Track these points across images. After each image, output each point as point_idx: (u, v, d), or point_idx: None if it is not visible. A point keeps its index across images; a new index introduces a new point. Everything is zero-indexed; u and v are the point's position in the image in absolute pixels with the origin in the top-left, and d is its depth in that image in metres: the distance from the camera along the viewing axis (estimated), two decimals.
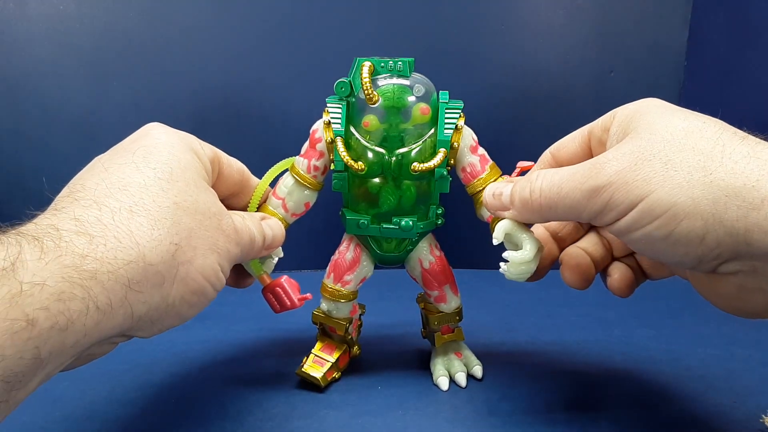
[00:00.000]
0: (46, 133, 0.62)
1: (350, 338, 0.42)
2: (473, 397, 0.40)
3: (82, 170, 0.29)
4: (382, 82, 0.36)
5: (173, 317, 0.28)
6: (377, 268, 0.42)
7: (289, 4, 0.62)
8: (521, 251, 0.34)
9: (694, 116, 0.28)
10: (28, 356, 0.21)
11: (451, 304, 0.42)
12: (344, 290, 0.40)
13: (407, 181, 0.38)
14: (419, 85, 0.36)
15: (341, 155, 0.36)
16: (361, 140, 0.37)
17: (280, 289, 0.38)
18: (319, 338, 0.43)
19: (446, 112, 0.37)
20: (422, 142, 0.37)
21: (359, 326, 0.45)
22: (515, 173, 0.37)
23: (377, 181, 0.38)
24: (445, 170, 0.37)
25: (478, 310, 0.47)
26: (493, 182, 0.37)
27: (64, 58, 0.60)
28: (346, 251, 0.40)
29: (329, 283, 0.41)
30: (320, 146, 0.38)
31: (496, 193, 0.35)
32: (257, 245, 0.34)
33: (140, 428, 0.36)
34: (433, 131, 0.37)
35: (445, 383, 0.41)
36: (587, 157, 0.34)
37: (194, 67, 0.62)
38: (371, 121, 0.36)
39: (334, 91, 0.37)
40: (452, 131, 0.37)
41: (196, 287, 0.28)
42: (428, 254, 0.41)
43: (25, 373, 0.22)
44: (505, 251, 0.34)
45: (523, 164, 0.37)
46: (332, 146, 0.37)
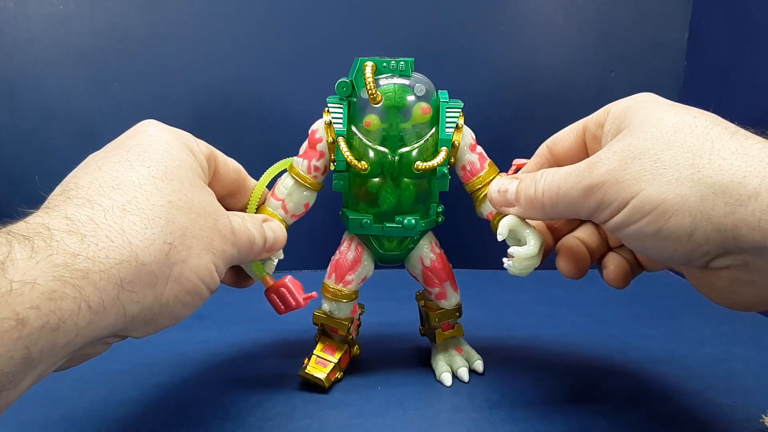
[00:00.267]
0: (45, 133, 0.62)
1: (351, 338, 0.42)
2: (473, 396, 0.40)
3: (76, 168, 0.29)
4: (383, 81, 0.36)
5: (167, 317, 0.28)
6: (377, 267, 0.42)
7: (289, 4, 0.62)
8: (526, 246, 0.34)
9: (685, 111, 0.28)
10: (18, 356, 0.21)
11: (451, 300, 0.42)
12: (346, 290, 0.40)
13: (407, 179, 0.38)
14: (420, 84, 0.36)
15: (345, 155, 0.36)
16: (363, 140, 0.37)
17: (284, 289, 0.38)
18: (319, 339, 0.43)
19: (447, 111, 0.37)
20: (423, 141, 0.37)
21: (358, 326, 0.45)
22: (511, 171, 0.38)
23: (377, 180, 0.38)
24: (446, 169, 0.37)
25: (478, 309, 0.47)
26: (494, 179, 0.37)
27: (64, 58, 0.60)
28: (347, 251, 0.40)
29: (331, 283, 0.41)
30: (321, 146, 0.38)
31: (501, 189, 0.35)
32: (257, 247, 0.34)
33: (140, 428, 0.36)
34: (434, 130, 0.37)
35: (448, 379, 0.41)
36: (582, 151, 0.35)
37: (194, 67, 0.62)
38: (373, 120, 0.36)
39: (335, 90, 0.37)
40: (453, 130, 0.37)
41: (190, 287, 0.28)
42: (429, 252, 0.41)
43: (15, 373, 0.21)
44: (507, 248, 0.35)
45: (519, 161, 0.38)
46: (334, 146, 0.37)
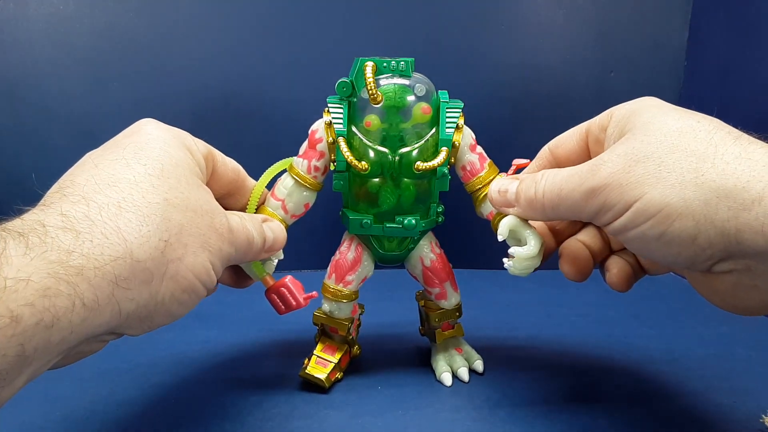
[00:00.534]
0: (45, 133, 0.62)
1: (351, 338, 0.42)
2: (473, 396, 0.40)
3: (73, 166, 0.29)
4: (383, 81, 0.36)
5: (163, 315, 0.28)
6: (377, 267, 0.42)
7: (289, 4, 0.62)
8: (526, 247, 0.34)
9: (688, 116, 0.28)
10: (12, 353, 0.21)
11: (451, 300, 0.42)
12: (346, 290, 0.40)
13: (407, 180, 0.38)
14: (420, 84, 0.36)
15: (345, 155, 0.36)
16: (363, 140, 0.37)
17: (285, 289, 0.37)
18: (319, 339, 0.43)
19: (447, 111, 0.37)
20: (424, 141, 0.37)
21: (358, 326, 0.45)
22: (511, 171, 0.38)
23: (377, 180, 0.38)
24: (446, 169, 0.37)
25: (478, 309, 0.47)
26: (494, 179, 0.37)
27: (64, 58, 0.60)
28: (347, 251, 0.40)
29: (331, 283, 0.41)
30: (321, 146, 0.38)
31: (501, 189, 0.35)
32: (256, 247, 0.34)
33: (140, 428, 0.36)
34: (434, 131, 0.37)
35: (448, 379, 0.41)
36: (584, 154, 0.35)
37: (194, 67, 0.62)
38: (373, 121, 0.36)
39: (335, 91, 0.37)
40: (453, 130, 0.37)
41: (186, 285, 0.28)
42: (429, 252, 0.41)
43: (8, 370, 0.21)
44: (507, 248, 0.35)
45: (518, 162, 0.38)
46: (334, 146, 0.37)
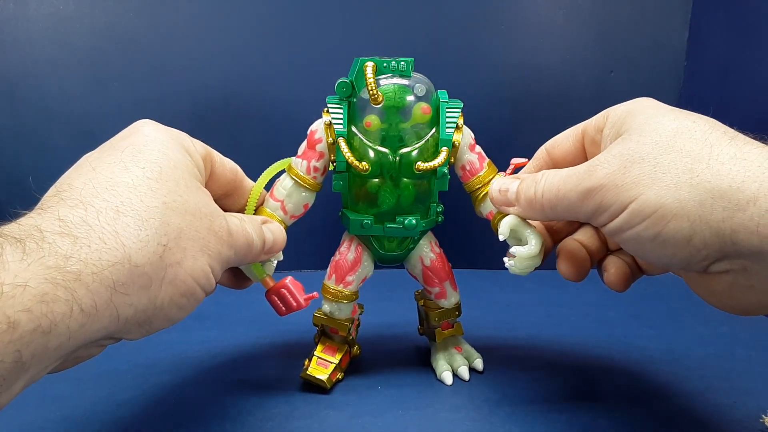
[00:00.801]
0: (45, 133, 0.62)
1: (351, 338, 0.42)
2: (473, 396, 0.40)
3: (70, 169, 0.28)
4: (383, 81, 0.36)
5: (162, 319, 0.27)
6: (376, 267, 0.42)
7: (289, 4, 0.62)
8: (527, 246, 0.34)
9: (684, 116, 0.28)
10: (9, 359, 0.21)
11: (451, 299, 0.42)
12: (346, 291, 0.40)
13: (406, 179, 0.38)
14: (420, 84, 0.36)
15: (345, 156, 0.36)
16: (363, 140, 0.37)
17: (285, 290, 0.37)
18: (319, 340, 0.43)
19: (447, 111, 0.37)
20: (424, 141, 0.37)
21: (357, 326, 0.45)
22: (509, 170, 0.38)
23: (376, 180, 0.38)
24: (446, 168, 0.37)
25: (478, 309, 0.47)
26: (494, 179, 0.38)
27: (64, 58, 0.60)
28: (347, 251, 0.40)
29: (331, 284, 0.41)
30: (320, 147, 0.38)
31: (502, 189, 0.35)
32: (256, 249, 0.34)
33: (140, 429, 0.36)
34: (434, 131, 0.37)
35: (449, 378, 0.41)
36: (581, 155, 0.35)
37: (194, 67, 0.62)
38: (373, 121, 0.36)
39: (334, 91, 0.36)
40: (453, 130, 0.37)
41: (185, 289, 0.28)
42: (429, 252, 0.41)
43: (6, 376, 0.21)
44: (507, 248, 0.35)
45: (516, 161, 0.38)
46: (334, 147, 0.37)
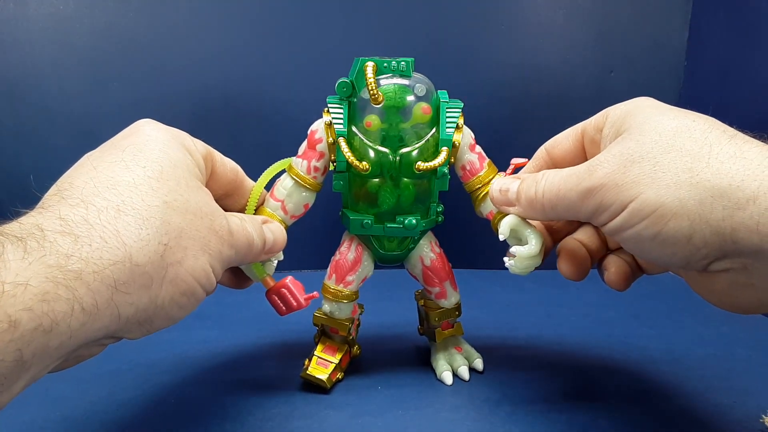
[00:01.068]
0: (45, 133, 0.62)
1: (351, 338, 0.42)
2: (473, 396, 0.40)
3: (71, 168, 0.28)
4: (383, 81, 0.36)
5: (162, 318, 0.27)
6: (376, 267, 0.42)
7: (289, 4, 0.62)
8: (527, 246, 0.34)
9: (683, 115, 0.28)
10: (10, 358, 0.21)
11: (451, 299, 0.42)
12: (346, 291, 0.40)
13: (406, 179, 0.38)
14: (420, 84, 0.36)
15: (346, 156, 0.36)
16: (363, 140, 0.37)
17: (285, 290, 0.37)
18: (319, 340, 0.43)
19: (447, 111, 0.37)
20: (424, 141, 0.37)
21: (357, 326, 0.45)
22: (510, 170, 0.38)
23: (376, 180, 0.38)
24: (446, 168, 0.37)
25: (478, 309, 0.47)
26: (494, 179, 0.38)
27: (64, 58, 0.60)
28: (347, 251, 0.40)
29: (331, 284, 0.41)
30: (321, 147, 0.38)
31: (503, 189, 0.35)
32: (256, 249, 0.34)
33: (140, 429, 0.36)
34: (434, 130, 0.37)
35: (449, 378, 0.41)
36: (580, 154, 0.35)
37: (194, 67, 0.62)
38: (373, 121, 0.36)
39: (335, 91, 0.37)
40: (454, 130, 0.37)
41: (185, 288, 0.28)
42: (429, 252, 0.41)
43: (7, 375, 0.21)
44: (507, 248, 0.35)
45: (516, 161, 0.38)
46: (334, 147, 0.37)
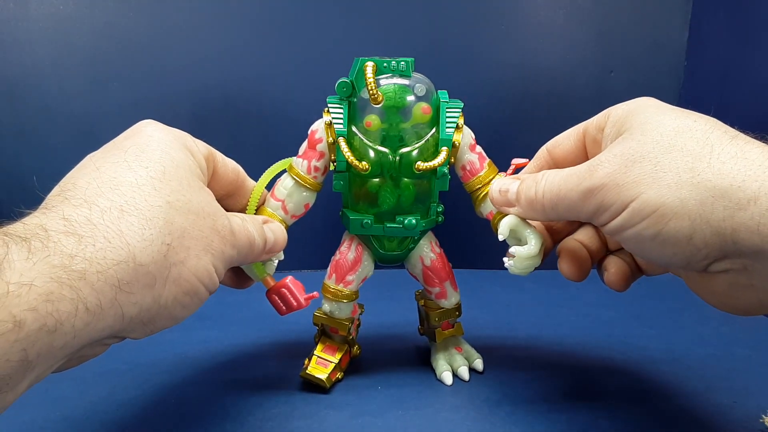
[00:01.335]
0: (46, 133, 0.62)
1: (351, 338, 0.42)
2: (473, 396, 0.40)
3: (74, 169, 0.29)
4: (383, 81, 0.36)
5: (165, 318, 0.28)
6: (377, 267, 0.42)
7: (288, 4, 0.62)
8: (527, 246, 0.34)
9: (685, 115, 0.28)
10: (15, 358, 0.21)
11: (451, 299, 0.42)
12: (346, 290, 0.40)
13: (406, 179, 0.38)
14: (420, 84, 0.36)
15: (345, 156, 0.36)
16: (363, 140, 0.37)
17: (285, 290, 0.37)
18: (319, 339, 0.43)
19: (447, 111, 0.37)
20: (424, 141, 0.37)
21: (358, 326, 0.45)
22: (510, 170, 0.38)
23: (376, 180, 0.38)
24: (446, 168, 0.37)
25: (478, 309, 0.47)
26: (495, 179, 0.37)
27: (64, 58, 0.60)
28: (347, 251, 0.40)
29: (331, 283, 0.41)
30: (321, 147, 0.38)
31: (502, 189, 0.35)
32: (257, 248, 0.34)
33: (140, 429, 0.36)
34: (434, 130, 0.37)
35: (449, 378, 0.41)
36: (582, 154, 0.35)
37: (194, 67, 0.62)
38: (373, 121, 0.36)
39: (335, 91, 0.37)
40: (453, 130, 0.37)
41: (188, 288, 0.28)
42: (429, 252, 0.41)
43: (12, 375, 0.21)
44: (507, 248, 0.35)
45: (517, 161, 0.38)
46: (334, 147, 0.37)
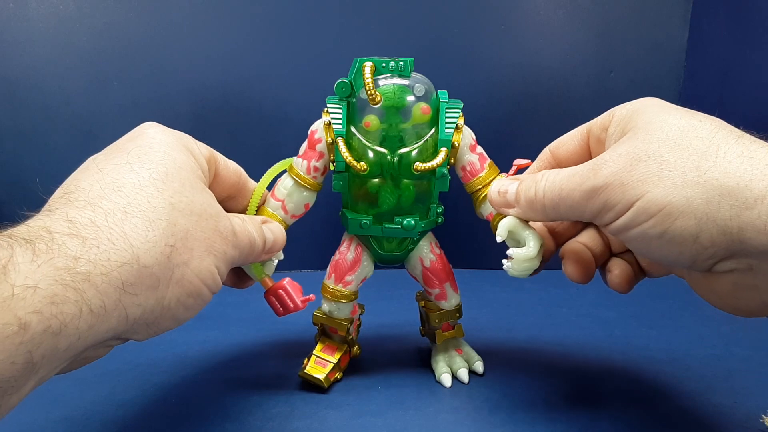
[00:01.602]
0: (46, 133, 0.62)
1: (351, 338, 0.42)
2: (473, 396, 0.40)
3: (76, 171, 0.29)
4: (382, 82, 0.36)
5: (169, 320, 0.28)
6: (377, 267, 0.42)
7: (288, 4, 0.62)
8: (525, 248, 0.34)
9: (690, 115, 0.28)
10: (20, 361, 0.21)
11: (451, 301, 0.42)
12: (345, 291, 0.40)
13: (406, 180, 0.38)
14: (419, 84, 0.36)
15: (343, 156, 0.36)
16: (362, 140, 0.37)
17: (282, 291, 0.38)
18: (319, 339, 0.43)
19: (447, 111, 0.37)
20: (423, 141, 0.37)
21: (358, 326, 0.45)
22: (512, 171, 0.37)
23: (376, 181, 0.38)
24: (445, 169, 0.37)
25: (478, 309, 0.47)
26: (494, 180, 0.37)
27: (64, 58, 0.60)
28: (347, 251, 0.40)
29: (330, 283, 0.41)
30: (320, 147, 0.38)
31: (501, 190, 0.35)
32: (257, 249, 0.34)
33: (140, 429, 0.36)
34: (433, 131, 0.37)
35: (448, 380, 0.41)
36: (586, 155, 0.34)
37: (194, 67, 0.62)
38: (372, 121, 0.36)
39: (334, 91, 0.37)
40: (453, 130, 0.37)
41: (192, 289, 0.28)
42: (429, 253, 0.41)
43: (17, 377, 0.21)
44: (507, 249, 0.34)
45: (519, 162, 0.37)
46: (333, 147, 0.37)
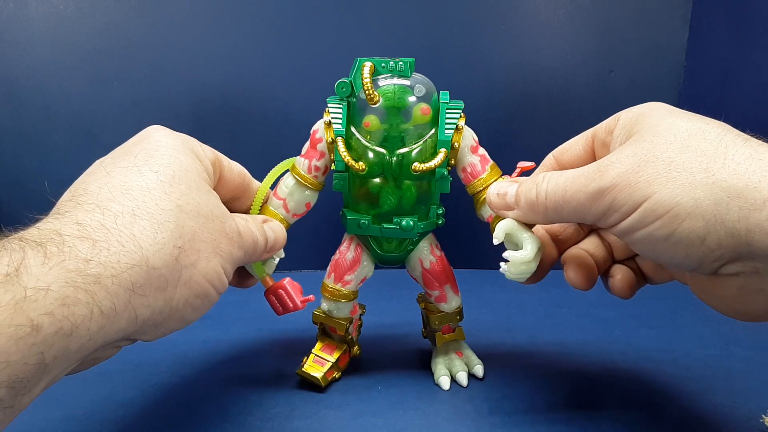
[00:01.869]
0: (46, 133, 0.62)
1: (350, 338, 0.42)
2: (473, 396, 0.40)
3: (83, 174, 0.29)
4: (382, 82, 0.36)
5: (177, 321, 0.28)
6: (377, 267, 0.42)
7: (289, 4, 0.62)
8: (521, 251, 0.33)
9: (697, 118, 0.28)
10: (32, 361, 0.21)
11: (451, 303, 0.42)
12: (345, 290, 0.40)
13: (407, 181, 0.38)
14: (420, 85, 0.36)
15: (342, 155, 0.36)
16: (361, 140, 0.37)
17: (282, 291, 0.38)
18: (319, 338, 0.43)
19: (447, 112, 0.37)
20: (423, 142, 0.37)
21: (359, 326, 0.45)
22: (515, 173, 0.37)
23: (377, 181, 0.38)
24: (445, 170, 0.37)
25: (478, 309, 0.47)
26: (494, 182, 0.37)
27: (64, 58, 0.60)
28: (346, 251, 0.40)
29: (330, 283, 0.41)
30: (321, 146, 0.38)
31: (500, 192, 0.35)
32: (260, 248, 0.34)
33: (140, 429, 0.36)
34: (433, 131, 0.37)
35: (446, 383, 0.41)
36: (591, 160, 0.34)
37: (194, 67, 0.62)
38: (372, 121, 0.36)
39: (334, 91, 0.37)
40: (453, 131, 0.37)
41: (199, 290, 0.28)
42: (429, 254, 0.41)
43: (29, 378, 0.22)
44: (505, 251, 0.34)
45: (523, 164, 0.37)
46: (333, 146, 0.37)
